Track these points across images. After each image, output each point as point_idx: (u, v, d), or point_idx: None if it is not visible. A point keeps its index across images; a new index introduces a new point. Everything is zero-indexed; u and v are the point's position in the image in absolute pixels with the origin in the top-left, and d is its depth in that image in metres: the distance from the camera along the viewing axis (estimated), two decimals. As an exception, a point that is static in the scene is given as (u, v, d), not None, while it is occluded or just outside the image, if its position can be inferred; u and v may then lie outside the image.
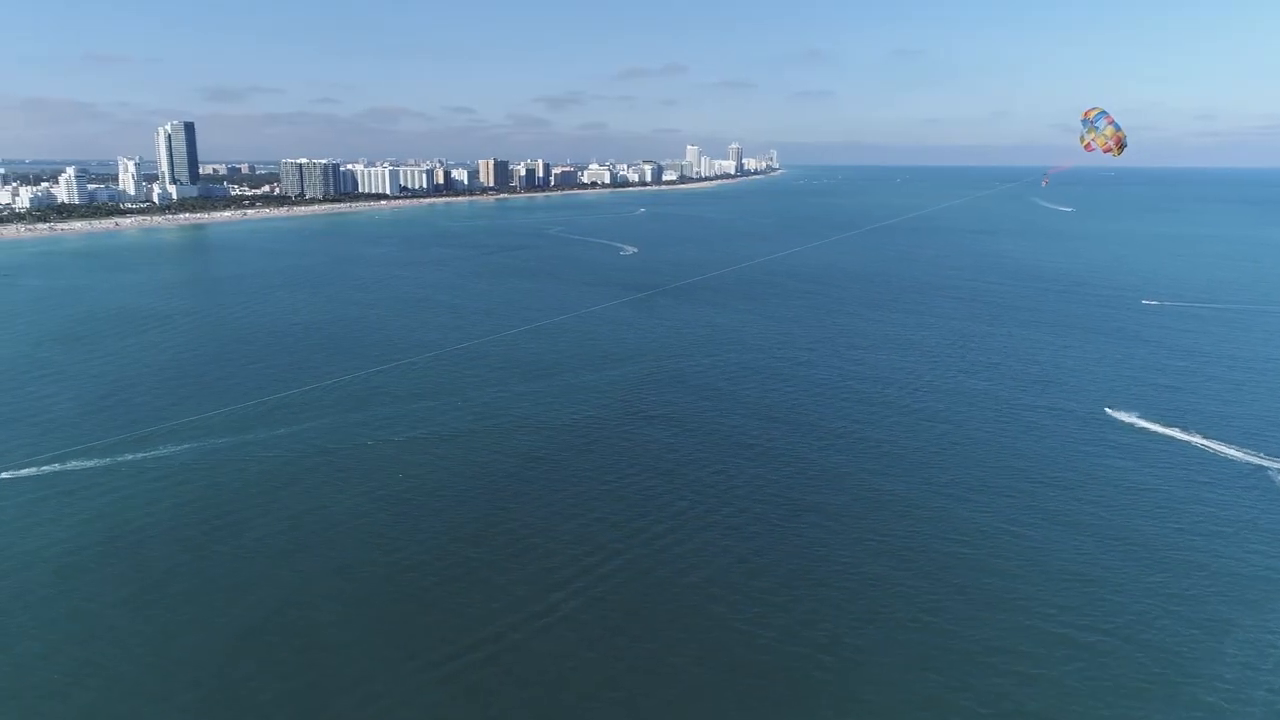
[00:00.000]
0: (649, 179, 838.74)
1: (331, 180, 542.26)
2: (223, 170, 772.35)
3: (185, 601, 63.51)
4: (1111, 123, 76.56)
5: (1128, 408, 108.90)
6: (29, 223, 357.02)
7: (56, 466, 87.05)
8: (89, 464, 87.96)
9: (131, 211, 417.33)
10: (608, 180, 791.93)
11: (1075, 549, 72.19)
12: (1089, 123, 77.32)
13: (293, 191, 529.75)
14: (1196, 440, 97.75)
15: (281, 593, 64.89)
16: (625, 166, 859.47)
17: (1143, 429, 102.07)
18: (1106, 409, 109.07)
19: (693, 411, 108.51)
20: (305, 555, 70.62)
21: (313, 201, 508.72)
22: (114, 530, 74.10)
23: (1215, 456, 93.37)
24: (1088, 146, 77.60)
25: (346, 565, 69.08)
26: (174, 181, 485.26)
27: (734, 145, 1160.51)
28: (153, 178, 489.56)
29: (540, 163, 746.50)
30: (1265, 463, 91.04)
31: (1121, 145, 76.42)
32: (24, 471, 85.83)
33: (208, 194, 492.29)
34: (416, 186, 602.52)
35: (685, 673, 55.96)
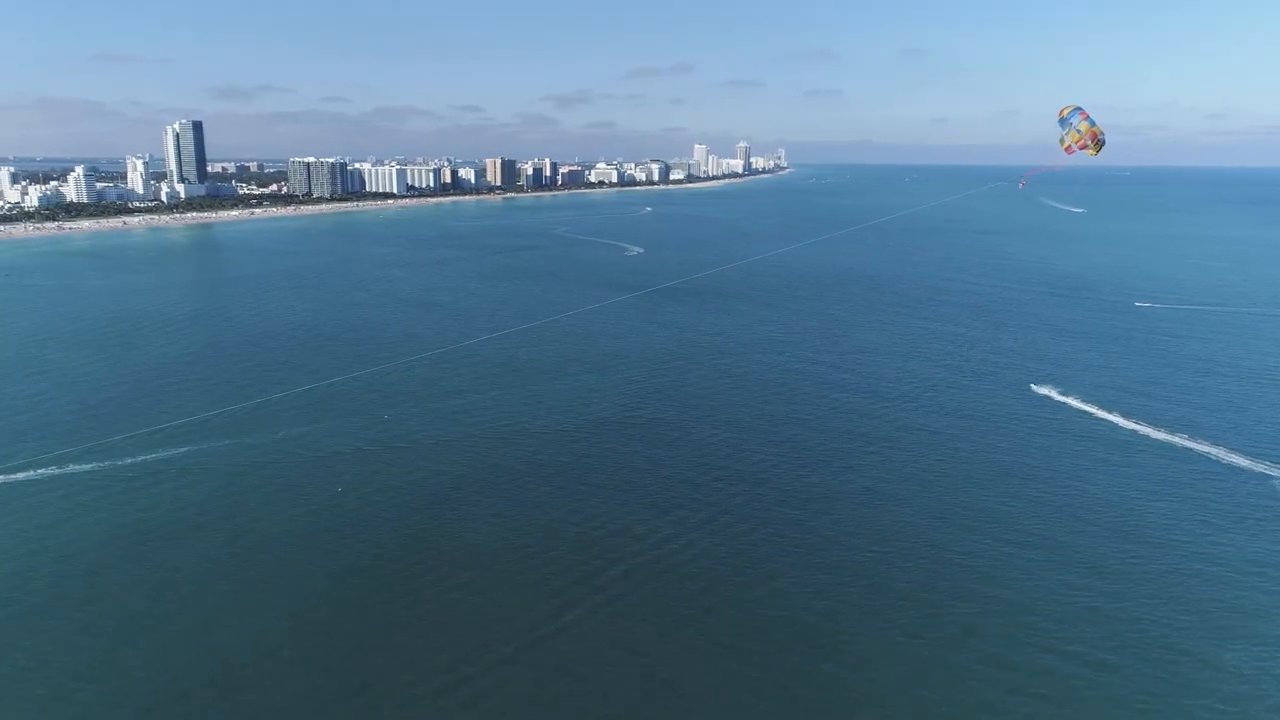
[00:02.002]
0: (656, 178, 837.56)
1: (339, 179, 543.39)
2: (231, 169, 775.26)
3: (140, 612, 62.55)
4: (1086, 118, 72.85)
5: (1132, 415, 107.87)
6: (37, 221, 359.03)
7: (27, 474, 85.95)
8: (65, 470, 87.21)
9: (139, 210, 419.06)
10: (615, 179, 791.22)
11: (1075, 577, 70.89)
12: (1064, 122, 73.85)
13: (300, 190, 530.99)
14: (1199, 447, 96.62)
15: (236, 605, 63.80)
16: (632, 165, 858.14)
17: (1145, 435, 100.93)
18: (1105, 414, 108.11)
19: (684, 420, 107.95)
20: (264, 566, 69.53)
21: (320, 200, 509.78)
22: (76, 538, 73.36)
23: (1218, 462, 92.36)
24: (1068, 149, 74.62)
25: (307, 576, 67.92)
26: (182, 180, 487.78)
27: (742, 144, 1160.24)
28: (161, 176, 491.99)
29: (547, 162, 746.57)
30: (1269, 470, 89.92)
31: (1098, 141, 72.73)
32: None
33: (215, 193, 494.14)
34: (424, 185, 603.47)
35: (677, 705, 54.61)
